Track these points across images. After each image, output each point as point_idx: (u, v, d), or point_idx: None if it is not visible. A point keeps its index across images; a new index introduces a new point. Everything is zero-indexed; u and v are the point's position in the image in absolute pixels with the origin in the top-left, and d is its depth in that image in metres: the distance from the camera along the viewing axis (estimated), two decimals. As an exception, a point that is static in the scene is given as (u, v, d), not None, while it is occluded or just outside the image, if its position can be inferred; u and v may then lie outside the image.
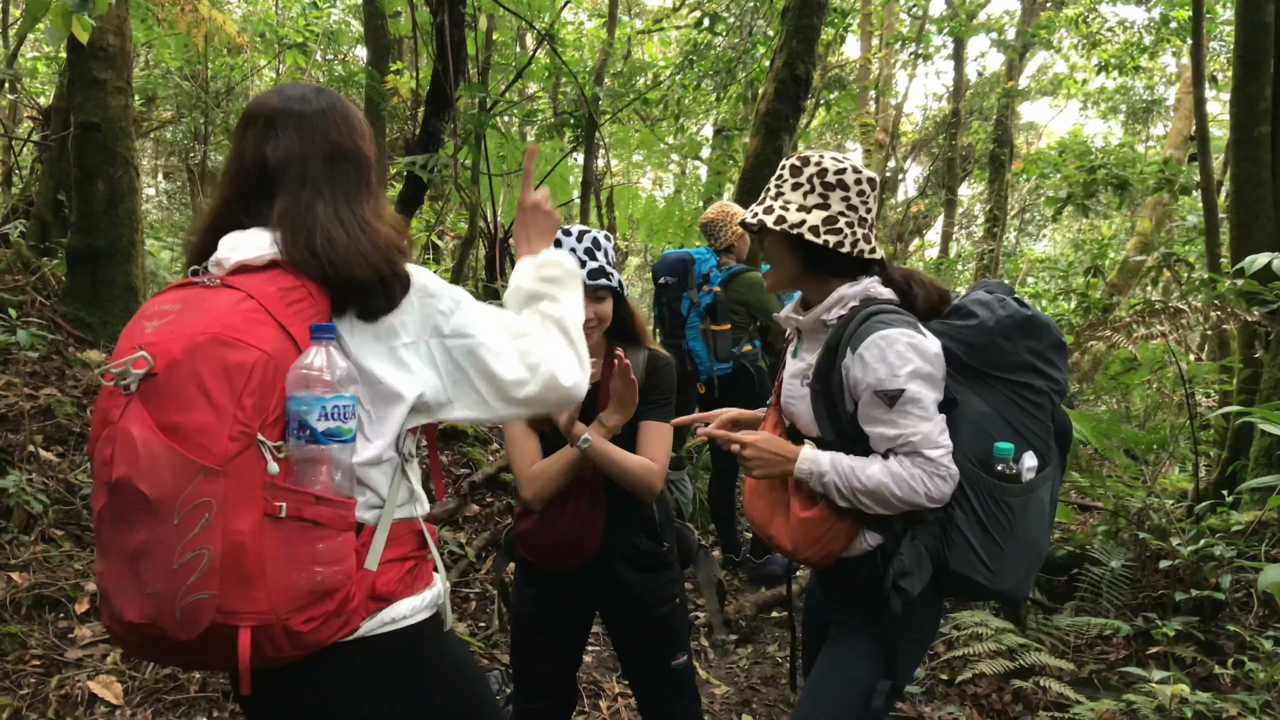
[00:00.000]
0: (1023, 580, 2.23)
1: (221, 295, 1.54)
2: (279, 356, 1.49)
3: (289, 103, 1.71)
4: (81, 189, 6.28)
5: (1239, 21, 5.95)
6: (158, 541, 1.41)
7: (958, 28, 15.27)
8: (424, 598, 1.70)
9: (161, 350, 1.45)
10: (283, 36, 11.06)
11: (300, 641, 1.50)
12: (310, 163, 1.68)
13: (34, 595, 3.97)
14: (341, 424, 1.51)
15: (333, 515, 1.52)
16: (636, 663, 2.78)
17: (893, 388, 2.09)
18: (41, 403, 5.20)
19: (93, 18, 3.75)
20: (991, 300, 2.23)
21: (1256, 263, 3.85)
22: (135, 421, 1.43)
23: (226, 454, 1.42)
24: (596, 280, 2.45)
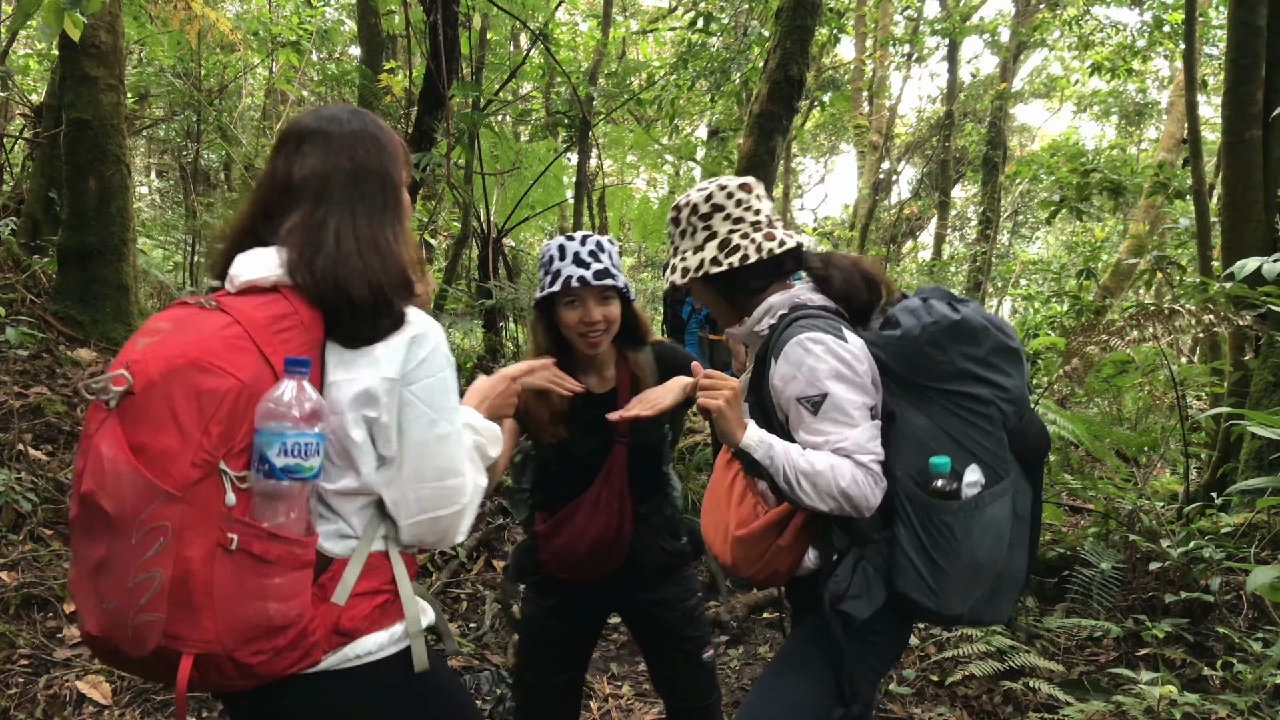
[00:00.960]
0: (985, 606, 2.14)
1: (210, 318, 1.53)
2: (254, 385, 1.47)
3: (321, 123, 1.72)
4: (73, 186, 6.27)
5: (1231, 25, 5.96)
6: (116, 557, 1.41)
7: (951, 29, 15.30)
8: (393, 633, 1.66)
9: (142, 370, 1.45)
10: (276, 34, 11.03)
11: (250, 673, 1.48)
12: (332, 181, 1.67)
13: (22, 595, 3.96)
14: (301, 461, 1.48)
15: (283, 552, 1.49)
16: (667, 661, 2.75)
17: (814, 393, 2.03)
18: (31, 401, 5.18)
19: (85, 15, 3.74)
20: (919, 308, 2.11)
21: (1246, 267, 3.86)
22: (107, 438, 1.43)
23: (187, 480, 1.41)
24: (602, 280, 2.40)
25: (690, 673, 2.71)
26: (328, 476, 1.59)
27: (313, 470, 1.50)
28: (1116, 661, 4.10)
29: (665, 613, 2.69)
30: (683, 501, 2.87)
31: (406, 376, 1.62)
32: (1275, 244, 5.36)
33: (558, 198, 10.11)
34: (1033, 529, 2.21)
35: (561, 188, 10.18)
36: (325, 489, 1.59)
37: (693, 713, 2.74)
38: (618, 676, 4.37)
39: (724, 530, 2.23)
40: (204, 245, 9.78)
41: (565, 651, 2.70)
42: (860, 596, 2.08)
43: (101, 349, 6.13)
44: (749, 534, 2.16)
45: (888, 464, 2.07)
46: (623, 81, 11.27)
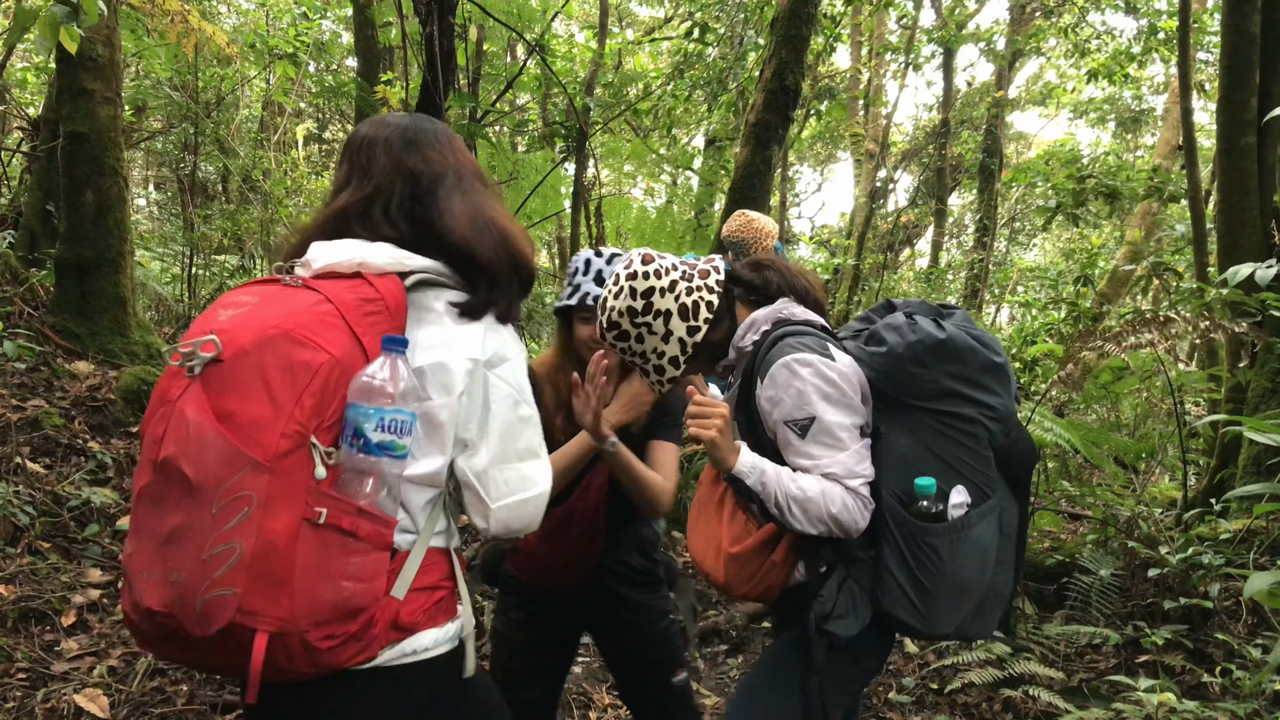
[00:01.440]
0: (971, 623, 2.13)
1: (301, 294, 1.53)
2: (346, 362, 1.47)
3: (419, 124, 1.82)
4: (70, 199, 6.27)
5: (1225, 32, 5.98)
6: (192, 528, 1.38)
7: (947, 37, 15.34)
8: (447, 630, 1.66)
9: (231, 338, 1.44)
10: (273, 47, 11.05)
11: (316, 658, 1.44)
12: (444, 173, 1.76)
13: (20, 608, 3.95)
14: (396, 438, 1.48)
15: (371, 530, 1.48)
16: (638, 683, 2.74)
17: (801, 417, 2.02)
18: (29, 414, 5.18)
19: (82, 28, 3.74)
20: (903, 325, 2.08)
21: (1240, 273, 3.86)
22: (192, 404, 1.41)
23: (277, 450, 1.39)
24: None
25: (661, 698, 2.69)
26: (410, 461, 1.58)
27: (405, 450, 1.51)
28: (1116, 668, 4.10)
29: (635, 633, 2.68)
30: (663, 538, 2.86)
31: (490, 360, 1.65)
32: (1271, 249, 5.37)
33: (555, 208, 10.13)
34: (1018, 545, 2.20)
35: (559, 198, 10.20)
36: (400, 476, 1.57)
37: None
38: (616, 686, 4.36)
39: (716, 547, 2.22)
40: (202, 257, 9.79)
41: (535, 667, 2.68)
42: (846, 616, 2.07)
43: (99, 362, 6.13)
44: (743, 551, 2.16)
45: (875, 483, 2.06)
46: (619, 92, 11.30)
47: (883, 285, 14.36)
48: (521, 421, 1.70)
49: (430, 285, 1.67)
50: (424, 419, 1.58)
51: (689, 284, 2.19)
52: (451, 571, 1.70)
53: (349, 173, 1.79)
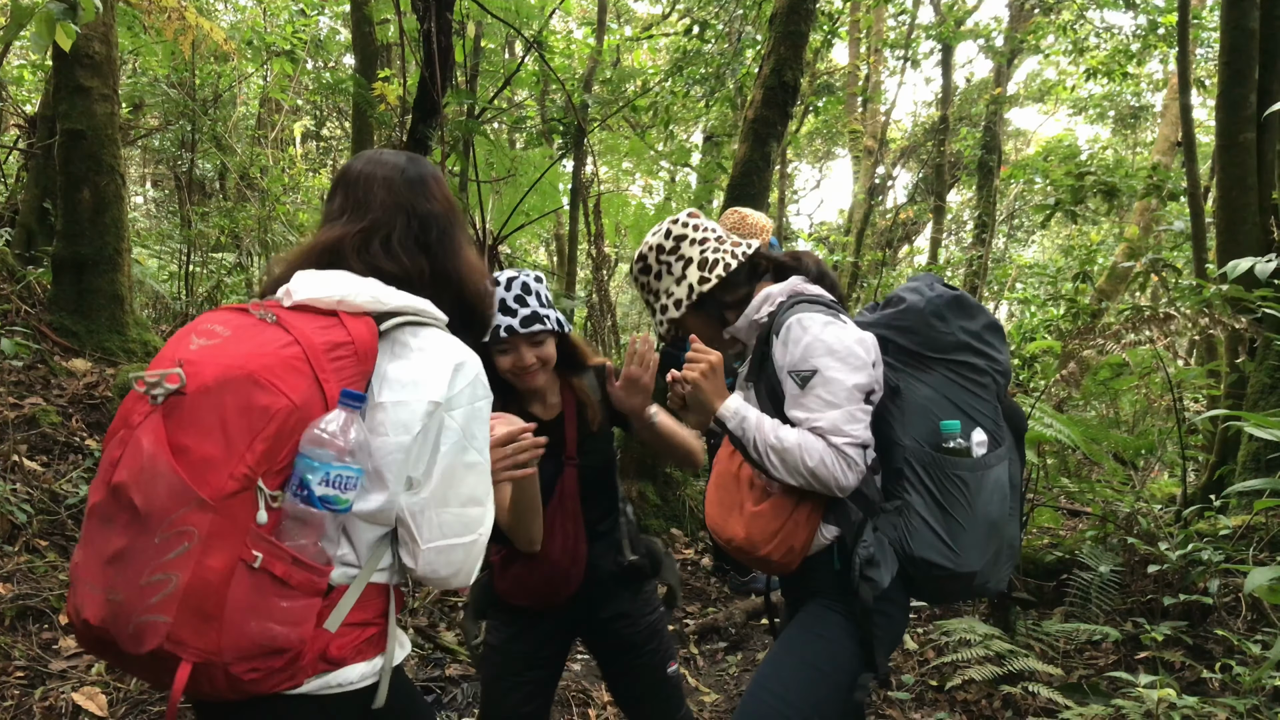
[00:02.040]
0: (993, 566, 2.20)
1: (270, 334, 1.55)
2: (305, 409, 1.49)
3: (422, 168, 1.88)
4: (67, 197, 6.26)
5: (1224, 28, 5.98)
6: (135, 553, 1.42)
7: (946, 34, 15.32)
8: (375, 664, 1.67)
9: (196, 372, 1.47)
10: (270, 44, 11.03)
11: (239, 687, 1.48)
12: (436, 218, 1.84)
13: (18, 606, 3.94)
14: (340, 493, 1.50)
15: (304, 579, 1.51)
16: (632, 677, 2.75)
17: (805, 368, 2.12)
18: (26, 412, 5.17)
19: (78, 25, 3.73)
20: (920, 285, 2.29)
21: (1239, 267, 3.86)
22: (149, 434, 1.45)
23: (223, 491, 1.42)
24: (530, 327, 2.43)
25: (656, 688, 2.72)
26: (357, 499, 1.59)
27: (347, 504, 1.52)
28: (1115, 665, 4.10)
29: (626, 628, 2.69)
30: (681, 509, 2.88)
31: (449, 401, 1.65)
32: (1270, 245, 5.37)
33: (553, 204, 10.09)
34: (1019, 500, 2.34)
35: (557, 194, 10.17)
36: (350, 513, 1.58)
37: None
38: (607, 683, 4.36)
39: (738, 508, 2.28)
40: (199, 254, 9.78)
41: (532, 677, 2.67)
42: (880, 565, 2.14)
43: (96, 359, 6.12)
44: (768, 509, 2.21)
45: (895, 435, 2.18)
46: (618, 88, 11.28)
47: (881, 282, 14.35)
48: (466, 467, 1.69)
49: (409, 324, 1.68)
50: (375, 456, 1.59)
51: (719, 245, 2.39)
52: (387, 608, 1.71)
53: (343, 205, 1.82)
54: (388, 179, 1.81)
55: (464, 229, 1.88)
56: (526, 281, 2.49)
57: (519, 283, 2.48)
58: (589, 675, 4.37)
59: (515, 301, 2.45)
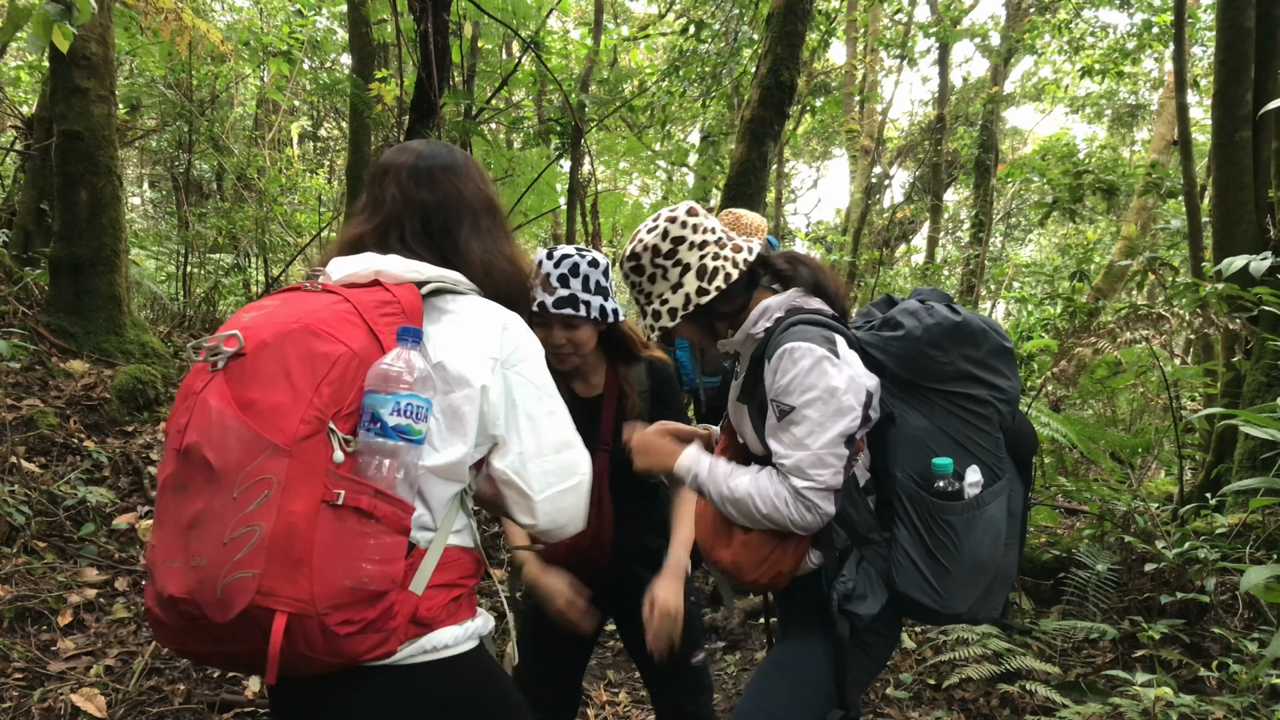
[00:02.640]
0: (981, 604, 2.15)
1: (320, 296, 1.61)
2: (364, 355, 1.52)
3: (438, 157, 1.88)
4: (64, 198, 6.26)
5: (1220, 27, 5.98)
6: (214, 512, 1.42)
7: (942, 33, 15.34)
8: (467, 628, 1.67)
9: (253, 333, 1.51)
10: (267, 44, 11.03)
11: (334, 645, 1.45)
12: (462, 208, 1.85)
13: (16, 607, 3.95)
14: (413, 423, 1.52)
15: (389, 512, 1.50)
16: (657, 664, 2.73)
17: (786, 402, 2.03)
18: (24, 413, 5.17)
19: (75, 26, 3.73)
20: (919, 309, 2.14)
21: (1234, 265, 3.87)
22: (215, 394, 1.47)
23: (296, 435, 1.43)
24: (562, 309, 2.42)
25: (679, 675, 2.72)
26: (426, 454, 1.60)
27: (421, 435, 1.55)
28: (1113, 663, 4.11)
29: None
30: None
31: (509, 358, 1.71)
32: (1266, 244, 5.38)
33: (551, 204, 10.11)
34: (1021, 526, 2.24)
35: (554, 194, 10.19)
36: (421, 468, 1.60)
37: (683, 717, 2.75)
38: (614, 684, 4.37)
39: (726, 534, 2.23)
40: (196, 255, 9.77)
41: (560, 649, 2.70)
42: (865, 597, 2.09)
43: (94, 360, 6.12)
44: (755, 538, 2.16)
45: (888, 464, 2.09)
46: (615, 88, 11.29)
47: (878, 281, 14.36)
48: (548, 415, 1.75)
49: (446, 292, 1.72)
50: (445, 410, 1.63)
51: (719, 250, 2.22)
52: (472, 571, 1.72)
53: (366, 201, 1.87)
54: (399, 171, 1.85)
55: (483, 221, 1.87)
56: (577, 263, 2.47)
57: (569, 262, 2.46)
58: (588, 675, 4.37)
59: (558, 280, 2.44)
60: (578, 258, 2.48)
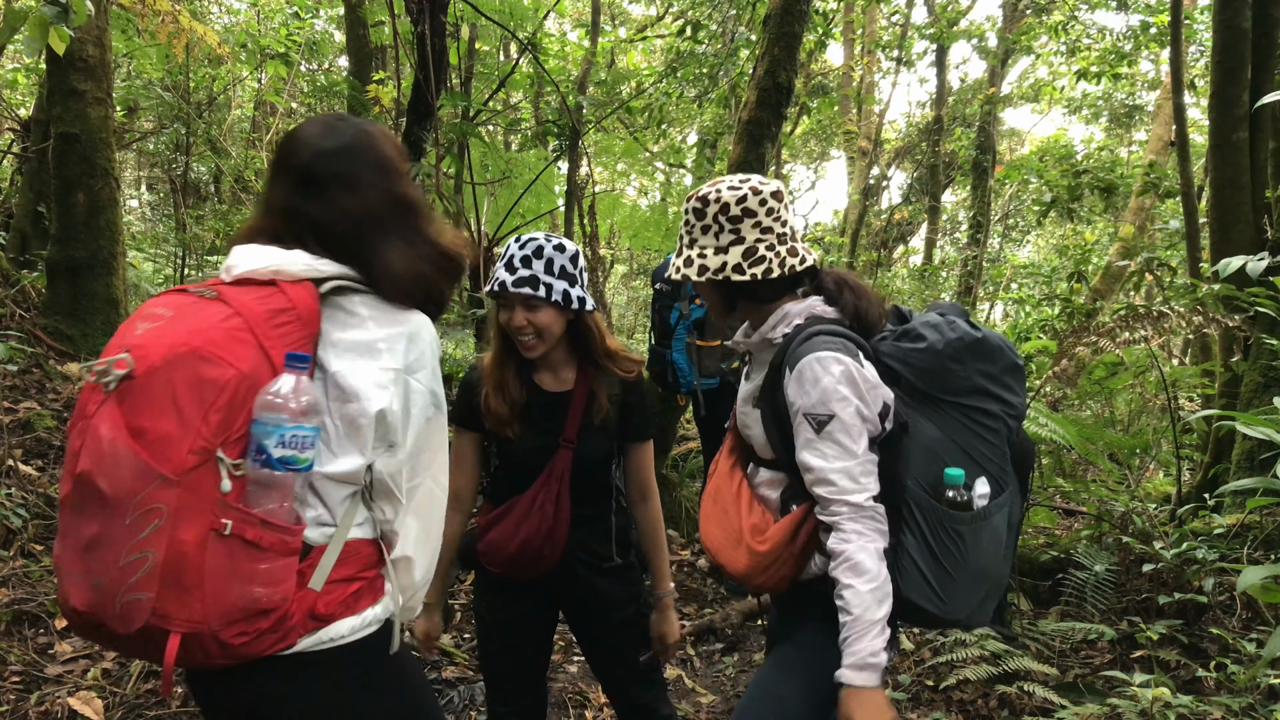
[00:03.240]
0: (977, 610, 2.17)
1: (211, 309, 1.58)
2: (253, 376, 1.53)
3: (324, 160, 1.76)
4: (61, 200, 6.25)
5: (1216, 27, 5.99)
6: (109, 537, 1.45)
7: (939, 34, 15.35)
8: (365, 617, 1.72)
9: (143, 355, 1.50)
10: (264, 47, 11.03)
11: (231, 652, 1.53)
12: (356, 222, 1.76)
13: (13, 611, 3.94)
14: (298, 453, 1.54)
15: (275, 540, 1.55)
16: (605, 662, 2.82)
17: (822, 413, 2.04)
18: (21, 416, 5.16)
19: (71, 29, 3.73)
20: (941, 323, 2.18)
21: (1231, 266, 3.87)
22: (106, 420, 1.47)
23: (184, 466, 1.46)
24: (520, 289, 2.41)
25: (624, 674, 2.78)
26: (323, 461, 1.64)
27: (308, 462, 1.57)
28: (1111, 664, 4.11)
29: (600, 619, 2.73)
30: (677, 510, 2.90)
31: (409, 366, 1.71)
32: (1263, 244, 5.38)
33: (548, 206, 10.11)
34: (1015, 538, 2.28)
35: (552, 196, 10.19)
36: (317, 474, 1.64)
37: (634, 708, 2.80)
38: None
39: (735, 537, 2.24)
40: (194, 258, 9.77)
41: (515, 644, 2.73)
42: None
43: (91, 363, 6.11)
44: (769, 549, 2.17)
45: (897, 473, 2.10)
46: (612, 90, 11.29)
47: (877, 283, 14.36)
48: (429, 423, 1.78)
49: (350, 290, 1.72)
50: (345, 420, 1.65)
51: (777, 243, 2.20)
52: (374, 562, 1.76)
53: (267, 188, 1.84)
54: (287, 177, 1.78)
55: (393, 221, 1.78)
56: (541, 246, 2.46)
57: (533, 244, 2.46)
58: (585, 676, 4.37)
59: (520, 261, 2.44)
60: (544, 241, 2.47)
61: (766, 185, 2.21)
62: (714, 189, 2.21)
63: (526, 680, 2.76)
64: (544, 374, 2.62)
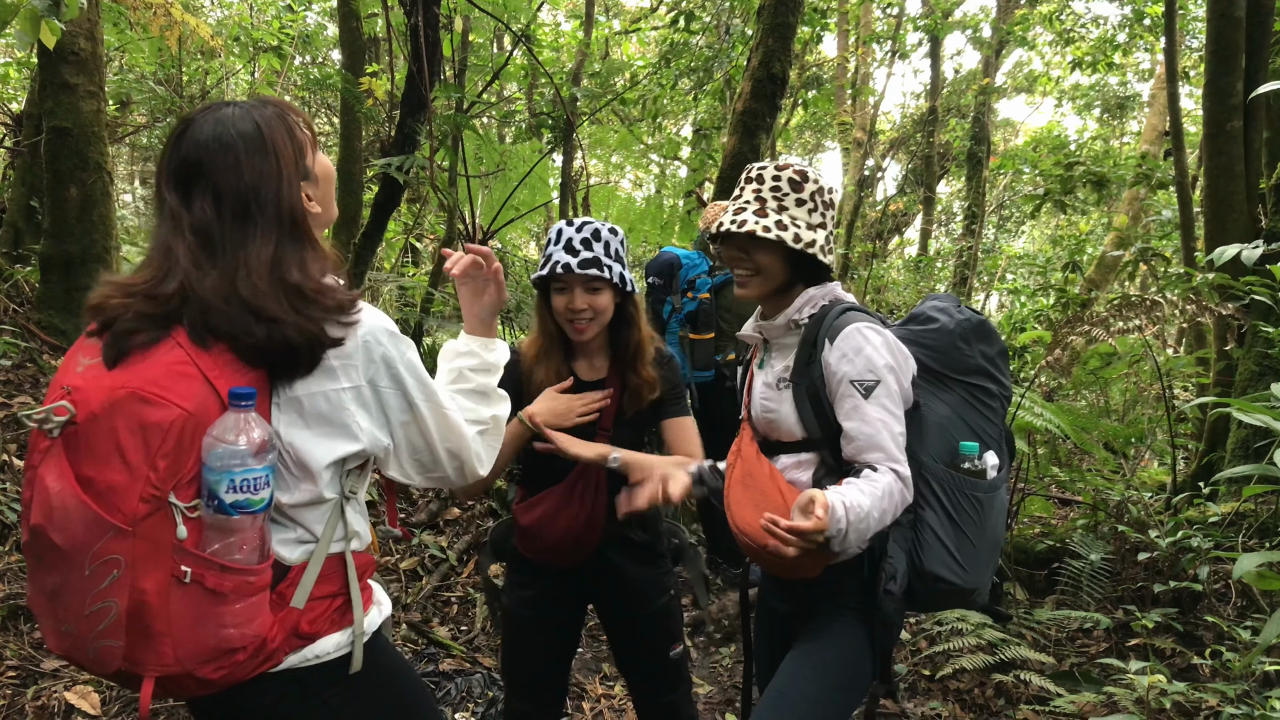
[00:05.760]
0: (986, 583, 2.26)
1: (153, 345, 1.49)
2: (200, 414, 1.44)
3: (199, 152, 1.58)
4: (54, 195, 6.23)
5: (1210, 16, 5.99)
6: (69, 586, 1.42)
7: (933, 25, 15.34)
8: (348, 634, 1.68)
9: (83, 399, 1.43)
10: (257, 40, 10.99)
11: (211, 684, 1.50)
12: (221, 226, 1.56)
13: (9, 606, 3.93)
14: (251, 496, 1.46)
15: (238, 583, 1.48)
16: (635, 654, 2.77)
17: (870, 379, 2.12)
18: (15, 411, 5.15)
19: (63, 22, 3.71)
20: (949, 306, 2.33)
21: (1225, 254, 3.87)
22: (52, 471, 1.42)
23: (136, 515, 1.40)
24: (587, 270, 2.41)
25: (653, 668, 2.74)
26: (285, 490, 1.58)
27: (263, 503, 1.48)
28: (1107, 652, 4.12)
29: (635, 608, 2.70)
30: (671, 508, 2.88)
31: (373, 380, 1.62)
32: (1258, 233, 5.39)
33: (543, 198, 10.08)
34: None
35: (547, 188, 10.15)
36: (283, 503, 1.58)
37: (658, 707, 2.76)
38: (610, 677, 4.36)
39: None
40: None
41: (544, 641, 2.70)
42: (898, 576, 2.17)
43: (86, 358, 6.10)
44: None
45: (914, 450, 2.18)
46: (606, 81, 11.26)
47: (871, 274, 14.36)
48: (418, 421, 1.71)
49: None
50: (296, 449, 1.56)
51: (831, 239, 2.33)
52: (359, 574, 1.72)
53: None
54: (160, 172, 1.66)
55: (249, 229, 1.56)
56: (598, 228, 2.48)
57: (590, 227, 2.47)
58: (583, 669, 4.37)
59: (580, 244, 2.44)
60: (599, 224, 2.49)
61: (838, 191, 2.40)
62: (810, 170, 2.30)
63: (550, 677, 2.74)
64: (580, 362, 2.64)
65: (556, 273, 2.43)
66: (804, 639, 2.33)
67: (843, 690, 2.23)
